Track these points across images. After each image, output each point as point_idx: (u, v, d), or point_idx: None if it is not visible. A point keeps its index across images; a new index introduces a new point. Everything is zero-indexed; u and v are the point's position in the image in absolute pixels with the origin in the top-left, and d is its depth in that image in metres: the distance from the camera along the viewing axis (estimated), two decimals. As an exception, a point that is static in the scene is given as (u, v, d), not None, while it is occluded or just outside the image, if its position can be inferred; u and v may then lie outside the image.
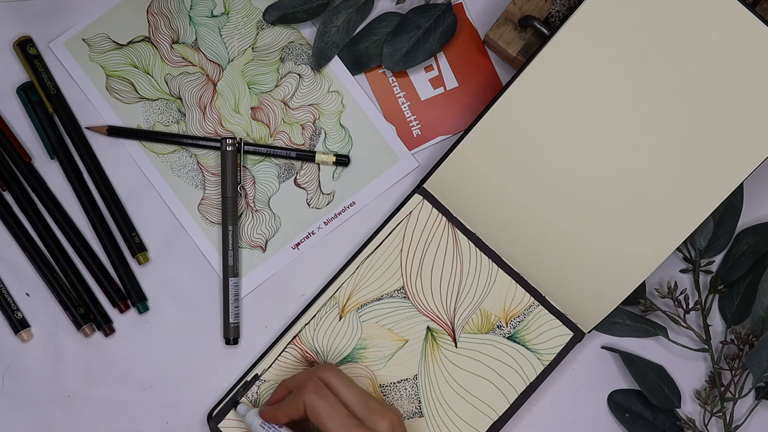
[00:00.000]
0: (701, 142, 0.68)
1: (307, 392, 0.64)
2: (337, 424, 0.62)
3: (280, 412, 0.66)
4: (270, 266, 0.75)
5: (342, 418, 0.63)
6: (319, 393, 0.64)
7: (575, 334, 0.73)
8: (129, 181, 0.75)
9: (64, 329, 0.75)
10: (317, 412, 0.63)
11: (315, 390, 0.64)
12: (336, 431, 0.62)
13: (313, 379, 0.65)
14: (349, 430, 0.62)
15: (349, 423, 0.62)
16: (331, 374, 0.65)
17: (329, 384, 0.65)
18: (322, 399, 0.63)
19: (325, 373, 0.66)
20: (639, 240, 0.70)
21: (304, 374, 0.67)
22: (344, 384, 0.65)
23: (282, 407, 0.66)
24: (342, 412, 0.63)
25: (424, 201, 0.74)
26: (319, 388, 0.64)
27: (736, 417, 0.75)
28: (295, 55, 0.77)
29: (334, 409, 0.63)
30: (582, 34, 0.68)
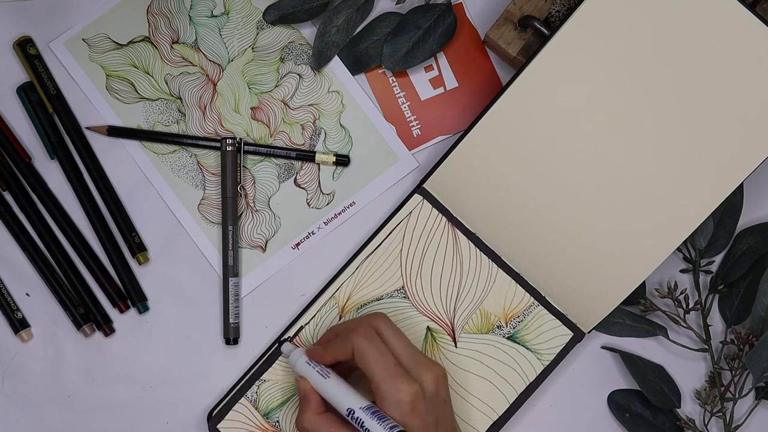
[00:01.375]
0: (701, 142, 0.68)
1: (357, 336, 0.64)
2: (383, 370, 0.63)
3: (327, 353, 0.65)
4: (270, 266, 0.75)
5: (389, 366, 0.63)
6: (369, 338, 0.64)
7: (575, 334, 0.73)
8: (129, 181, 0.75)
9: (64, 329, 0.75)
10: (365, 356, 0.63)
11: (365, 334, 0.64)
12: (381, 377, 0.62)
13: (365, 324, 0.65)
14: (395, 378, 0.62)
15: (396, 371, 0.63)
16: (383, 322, 0.65)
17: (379, 331, 0.65)
18: (372, 344, 0.64)
19: (376, 321, 0.66)
20: (639, 240, 0.70)
21: (356, 320, 0.67)
22: (394, 333, 0.65)
23: (329, 348, 0.65)
24: (390, 359, 0.63)
25: (424, 201, 0.74)
26: (370, 334, 0.64)
27: (736, 417, 0.75)
28: (295, 55, 0.77)
29: (382, 355, 0.63)
30: (582, 34, 0.68)
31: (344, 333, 0.66)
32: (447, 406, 0.65)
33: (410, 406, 0.62)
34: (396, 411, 0.62)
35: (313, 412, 0.65)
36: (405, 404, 0.62)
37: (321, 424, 0.64)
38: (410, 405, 0.62)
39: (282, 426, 0.72)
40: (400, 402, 0.62)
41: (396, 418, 0.62)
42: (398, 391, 0.62)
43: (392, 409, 0.62)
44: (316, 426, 0.64)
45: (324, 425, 0.64)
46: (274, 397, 0.72)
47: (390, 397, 0.62)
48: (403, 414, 0.62)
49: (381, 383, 0.62)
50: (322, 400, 0.65)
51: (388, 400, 0.62)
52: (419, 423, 0.62)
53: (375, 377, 0.63)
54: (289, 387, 0.73)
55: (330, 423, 0.64)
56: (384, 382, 0.62)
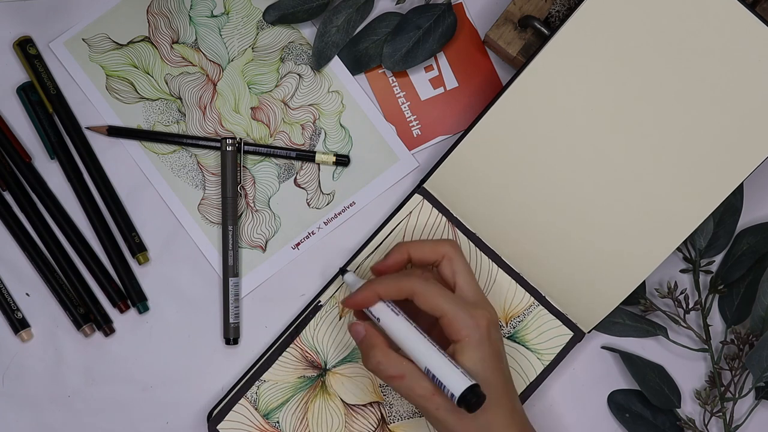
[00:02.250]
0: (701, 142, 0.68)
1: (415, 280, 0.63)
2: (452, 304, 0.63)
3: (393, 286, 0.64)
4: (270, 266, 0.75)
5: (455, 299, 0.63)
6: (428, 280, 0.64)
7: (575, 334, 0.73)
8: (129, 181, 0.75)
9: (64, 329, 0.75)
10: (428, 296, 0.63)
11: (425, 277, 0.64)
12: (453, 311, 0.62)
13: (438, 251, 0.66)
14: (466, 308, 0.63)
15: (464, 303, 0.63)
16: (454, 251, 0.66)
17: (451, 259, 0.66)
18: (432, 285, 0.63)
19: (446, 248, 0.66)
20: (639, 240, 0.70)
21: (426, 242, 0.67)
22: (465, 267, 0.66)
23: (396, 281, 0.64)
24: (452, 294, 0.64)
25: (424, 201, 0.74)
26: (427, 276, 0.65)
27: (736, 417, 0.75)
28: (295, 55, 0.77)
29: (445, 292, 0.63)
30: (582, 34, 0.68)
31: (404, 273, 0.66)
32: (503, 345, 0.66)
33: (486, 331, 0.62)
34: (476, 337, 0.62)
35: (381, 347, 0.63)
36: (483, 329, 0.62)
37: (393, 358, 0.63)
38: (486, 330, 0.62)
39: (282, 426, 0.72)
40: (479, 327, 0.62)
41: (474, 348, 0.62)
42: (474, 317, 0.62)
43: (473, 335, 0.62)
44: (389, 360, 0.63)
45: (396, 359, 0.63)
46: (274, 397, 0.72)
47: (466, 325, 0.62)
48: (481, 340, 0.62)
49: (455, 315, 0.62)
50: (387, 338, 0.64)
51: (466, 328, 0.62)
52: (493, 350, 0.63)
53: (446, 312, 0.62)
54: (289, 387, 0.73)
55: (401, 357, 0.63)
56: (457, 313, 0.62)
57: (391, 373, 0.62)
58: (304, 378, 0.73)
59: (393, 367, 0.62)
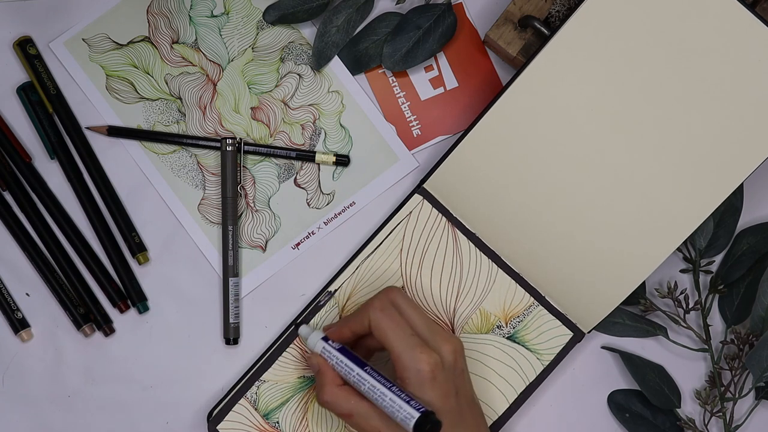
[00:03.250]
0: (701, 142, 0.68)
1: (372, 308, 0.64)
2: (401, 341, 0.63)
3: (345, 328, 0.66)
4: (270, 266, 0.75)
5: (406, 337, 0.63)
6: (385, 310, 0.64)
7: (575, 334, 0.73)
8: (129, 181, 0.75)
9: (64, 329, 0.75)
10: (382, 327, 0.63)
11: (381, 307, 0.64)
12: (399, 348, 0.62)
13: (381, 297, 0.65)
14: (413, 348, 0.62)
15: (414, 342, 0.63)
16: (398, 295, 0.66)
17: (395, 304, 0.65)
18: (388, 316, 0.64)
19: (391, 294, 0.66)
20: (639, 240, 0.70)
21: (372, 297, 0.67)
22: (410, 305, 0.65)
23: (346, 323, 0.66)
24: (407, 330, 0.63)
25: (424, 201, 0.74)
26: (385, 306, 0.64)
27: (736, 417, 0.75)
28: (295, 55, 0.77)
29: (399, 326, 0.63)
30: (582, 34, 0.68)
31: (360, 308, 0.66)
32: (465, 376, 0.66)
33: (430, 375, 0.62)
34: (416, 380, 0.62)
35: (331, 384, 0.65)
36: (425, 373, 0.62)
37: (341, 396, 0.64)
38: (430, 374, 0.62)
39: (282, 427, 0.72)
40: (420, 371, 0.62)
41: (416, 388, 0.62)
42: (418, 360, 0.62)
43: (412, 378, 0.62)
44: (336, 398, 0.64)
45: (343, 397, 0.64)
46: (274, 397, 0.72)
47: (410, 366, 0.62)
48: (422, 383, 0.62)
49: (401, 353, 0.62)
50: (337, 374, 0.65)
51: (409, 369, 0.62)
52: (440, 392, 0.62)
53: (394, 348, 0.63)
54: (289, 387, 0.73)
55: (348, 395, 0.64)
56: (403, 352, 0.62)
57: (339, 411, 0.64)
58: (304, 378, 0.73)
59: (341, 406, 0.64)
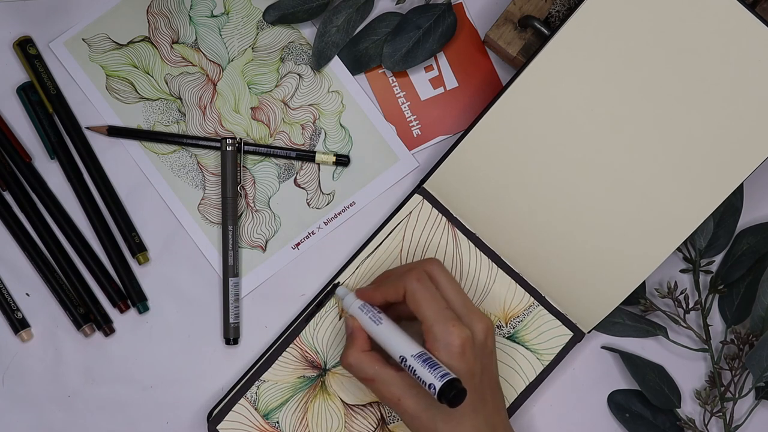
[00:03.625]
0: (701, 143, 0.68)
1: (409, 278, 0.64)
2: (434, 313, 0.63)
3: (378, 293, 0.66)
4: (270, 266, 0.75)
5: (440, 309, 0.63)
6: (421, 280, 0.64)
7: (575, 334, 0.73)
8: (129, 181, 0.75)
9: (64, 329, 0.75)
10: (417, 298, 0.63)
11: (418, 277, 0.64)
12: (433, 319, 0.62)
13: (418, 268, 0.65)
14: (446, 321, 0.62)
15: (447, 315, 0.63)
16: (437, 268, 0.66)
17: (433, 276, 0.65)
18: (424, 286, 0.64)
19: (430, 266, 0.66)
20: (639, 240, 0.70)
21: (409, 264, 0.67)
22: (448, 279, 0.65)
23: (380, 289, 0.66)
24: (442, 303, 0.63)
25: (424, 201, 0.74)
26: (423, 277, 0.64)
27: (736, 417, 0.75)
28: (295, 55, 0.77)
29: (434, 298, 0.63)
30: (582, 34, 0.68)
31: (396, 275, 0.66)
32: (493, 358, 0.66)
33: (459, 349, 0.62)
34: (445, 353, 0.62)
35: (358, 348, 0.65)
36: (455, 347, 0.62)
37: (365, 361, 0.64)
38: (459, 348, 0.62)
39: (282, 427, 0.72)
40: (450, 345, 0.62)
41: (444, 360, 0.62)
42: (449, 333, 0.62)
43: (441, 350, 0.62)
44: (360, 362, 0.64)
45: (368, 362, 0.64)
46: (274, 397, 0.72)
47: (441, 338, 0.62)
48: (451, 356, 0.62)
49: (432, 325, 0.62)
50: (368, 339, 0.66)
51: (439, 341, 0.62)
52: (466, 368, 0.62)
53: (427, 319, 0.63)
54: (289, 387, 0.73)
55: (374, 361, 0.64)
56: (435, 323, 0.62)
57: (362, 375, 0.64)
58: (304, 378, 0.73)
59: (364, 370, 0.64)
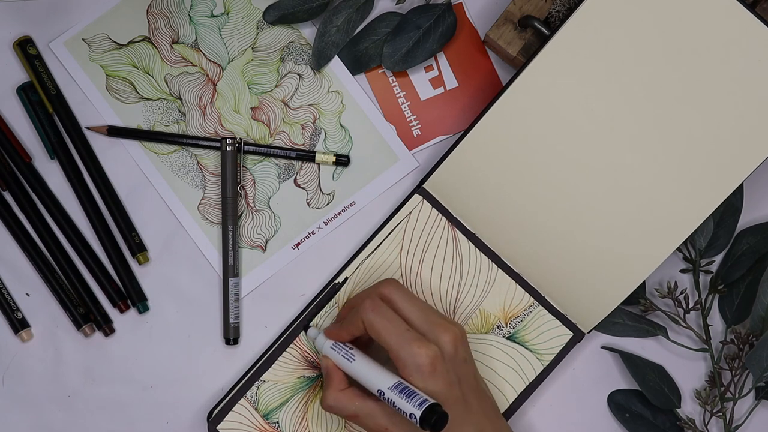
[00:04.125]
0: (701, 143, 0.68)
1: (364, 309, 0.64)
2: (396, 338, 0.62)
3: (343, 331, 0.66)
4: (270, 266, 0.75)
5: (401, 333, 0.62)
6: (376, 310, 0.63)
7: (575, 334, 0.73)
8: (129, 181, 0.75)
9: (64, 329, 0.75)
10: (375, 328, 0.63)
11: (372, 307, 0.64)
12: (396, 346, 0.62)
13: (371, 296, 0.65)
14: (409, 343, 0.62)
15: (409, 337, 0.62)
16: (392, 289, 0.65)
17: (389, 299, 0.65)
18: (380, 315, 0.63)
19: (385, 289, 0.65)
20: (639, 240, 0.70)
21: (365, 292, 0.67)
22: (405, 298, 0.65)
23: (344, 326, 0.66)
24: (401, 326, 0.63)
25: (424, 201, 0.74)
26: (377, 305, 0.64)
27: (736, 417, 0.75)
28: (295, 55, 0.77)
29: (392, 324, 0.63)
30: (582, 34, 0.68)
31: (355, 309, 0.66)
32: (469, 365, 0.65)
33: (430, 368, 0.61)
34: (417, 376, 0.61)
35: (335, 389, 0.65)
36: (425, 367, 0.61)
37: (344, 399, 0.64)
38: (430, 367, 0.61)
39: (282, 427, 0.72)
40: (420, 365, 0.61)
41: (418, 383, 0.61)
42: (416, 355, 0.62)
43: (414, 374, 0.62)
44: (340, 401, 0.64)
45: (347, 400, 0.64)
46: (274, 397, 0.72)
47: (409, 362, 0.62)
48: (424, 377, 0.61)
49: (397, 351, 0.62)
50: (344, 376, 0.66)
51: (408, 366, 0.62)
52: (442, 383, 0.62)
53: (391, 347, 0.62)
54: (289, 387, 0.73)
55: (353, 397, 0.64)
56: (400, 349, 0.62)
57: (344, 414, 0.65)
58: (304, 378, 0.73)
59: (345, 408, 0.64)
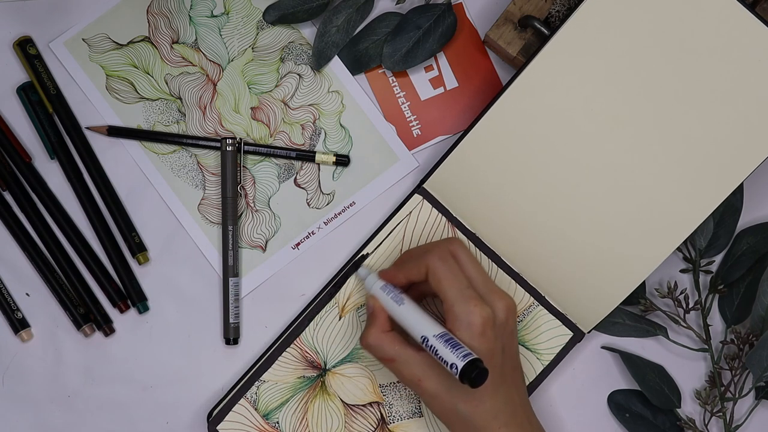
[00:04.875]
0: (701, 142, 0.68)
1: (432, 257, 0.64)
2: (456, 292, 0.63)
3: (400, 273, 0.66)
4: (270, 266, 0.75)
5: (462, 289, 0.63)
6: (443, 259, 0.64)
7: (575, 334, 0.73)
8: (129, 181, 0.75)
9: (64, 329, 0.75)
10: (438, 277, 0.63)
11: (441, 256, 0.64)
12: (453, 298, 0.63)
13: (441, 246, 0.65)
14: (467, 300, 0.62)
15: (468, 294, 0.63)
16: (459, 247, 0.66)
17: (455, 255, 0.65)
18: (446, 265, 0.64)
19: (453, 245, 0.66)
20: (639, 240, 0.70)
21: (431, 243, 0.67)
22: (470, 259, 0.65)
23: (403, 268, 0.66)
24: (463, 282, 0.63)
25: (424, 201, 0.74)
26: (445, 256, 0.64)
27: (736, 417, 0.75)
28: (295, 55, 0.77)
29: (455, 277, 0.63)
30: (582, 34, 0.68)
31: (419, 254, 0.66)
32: (514, 337, 0.66)
33: (480, 329, 0.62)
34: (466, 333, 0.62)
35: (378, 329, 0.65)
36: (475, 326, 0.62)
37: (385, 341, 0.65)
38: (480, 328, 0.62)
39: (282, 427, 0.72)
40: (471, 324, 0.62)
41: (465, 340, 0.62)
42: (470, 313, 0.62)
43: (462, 330, 0.62)
44: (380, 343, 0.65)
45: (388, 343, 0.65)
46: (274, 397, 0.72)
47: (462, 318, 0.62)
48: (472, 336, 0.62)
49: (453, 304, 0.63)
50: (389, 319, 0.66)
51: (460, 320, 0.62)
52: (486, 347, 0.62)
53: (448, 298, 0.63)
54: (288, 387, 0.73)
55: (393, 341, 0.65)
56: (456, 302, 0.62)
57: (381, 355, 0.65)
58: (304, 378, 0.73)
59: (384, 350, 0.65)
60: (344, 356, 0.73)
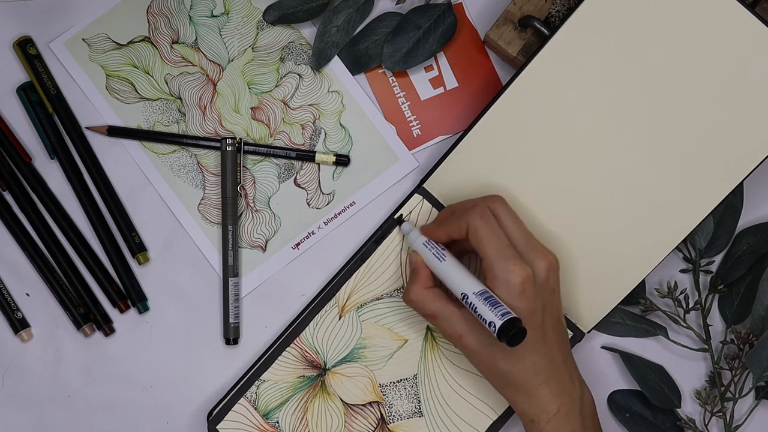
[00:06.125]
0: (701, 142, 0.68)
1: (472, 214, 0.64)
2: (496, 250, 0.63)
3: (441, 230, 0.66)
4: (270, 266, 0.75)
5: (502, 247, 0.63)
6: (484, 217, 0.64)
7: (575, 334, 0.73)
8: (129, 181, 0.75)
9: (64, 329, 0.75)
10: (479, 235, 0.63)
11: (481, 214, 0.64)
12: (494, 257, 0.63)
13: (481, 204, 0.65)
14: (507, 258, 0.62)
15: (508, 253, 0.63)
16: (500, 205, 0.66)
17: (496, 214, 0.65)
18: (487, 223, 0.64)
19: (494, 203, 0.66)
20: (638, 239, 0.70)
21: (473, 200, 0.67)
22: (511, 217, 0.65)
23: (444, 226, 0.66)
24: (503, 240, 0.63)
25: (424, 201, 0.74)
26: (486, 214, 0.64)
27: (736, 417, 0.75)
28: (295, 55, 0.77)
29: (496, 235, 0.63)
30: (582, 34, 0.68)
31: (460, 212, 0.66)
32: (555, 295, 0.65)
33: (519, 288, 0.62)
34: (505, 291, 0.62)
35: (421, 285, 0.66)
36: (515, 286, 0.62)
37: (428, 297, 0.65)
38: (520, 287, 0.62)
39: (281, 426, 0.72)
40: (510, 283, 0.62)
41: (504, 298, 0.62)
42: (509, 272, 0.62)
43: (502, 288, 0.62)
44: (423, 299, 0.65)
45: (430, 299, 0.65)
46: (274, 397, 0.72)
47: (501, 276, 0.62)
48: (511, 295, 0.62)
49: (493, 263, 0.63)
50: (431, 275, 0.66)
51: (499, 279, 0.62)
52: (526, 306, 0.62)
53: (487, 256, 0.63)
54: (288, 387, 0.73)
55: (436, 297, 0.65)
56: (496, 261, 0.62)
57: (423, 311, 0.65)
58: (304, 378, 0.73)
59: (426, 306, 0.65)
60: (344, 356, 0.73)
